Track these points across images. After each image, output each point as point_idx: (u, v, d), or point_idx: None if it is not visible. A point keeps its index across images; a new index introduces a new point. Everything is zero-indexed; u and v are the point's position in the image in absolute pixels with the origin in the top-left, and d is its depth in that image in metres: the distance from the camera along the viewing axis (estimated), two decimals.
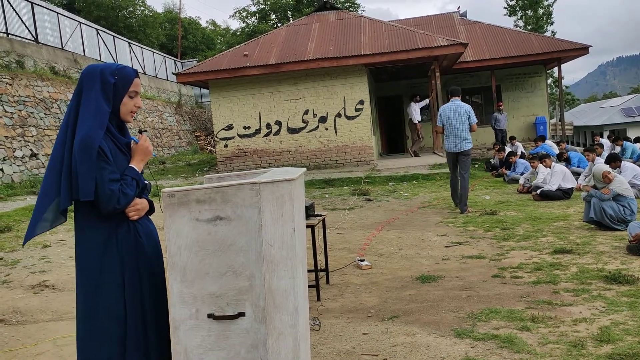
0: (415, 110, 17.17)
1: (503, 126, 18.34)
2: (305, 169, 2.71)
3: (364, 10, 45.08)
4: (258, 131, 16.11)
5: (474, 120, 8.89)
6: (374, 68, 16.96)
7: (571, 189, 9.45)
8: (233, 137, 16.23)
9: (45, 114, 14.97)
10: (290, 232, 2.34)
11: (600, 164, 7.12)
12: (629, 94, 63.69)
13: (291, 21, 40.67)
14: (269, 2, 42.10)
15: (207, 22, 56.93)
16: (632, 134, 23.83)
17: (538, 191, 9.53)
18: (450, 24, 21.33)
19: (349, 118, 15.74)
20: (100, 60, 21.45)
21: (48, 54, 17.76)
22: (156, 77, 27.05)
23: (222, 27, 53.93)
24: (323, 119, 15.84)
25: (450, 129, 8.88)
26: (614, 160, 8.64)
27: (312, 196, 11.62)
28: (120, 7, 37.25)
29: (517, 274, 5.15)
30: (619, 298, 4.28)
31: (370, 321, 4.24)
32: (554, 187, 9.37)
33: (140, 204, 2.52)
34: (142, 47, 26.83)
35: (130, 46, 25.03)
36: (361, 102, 15.68)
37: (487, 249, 6.25)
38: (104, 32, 23.09)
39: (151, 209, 2.63)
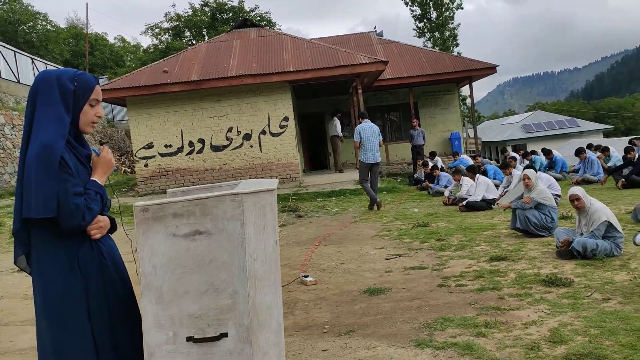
0: (337, 126, 17.43)
1: (418, 142, 18.90)
2: (277, 180, 2.60)
3: (280, 28, 45.38)
4: (180, 149, 15.65)
5: (381, 137, 11.31)
6: (297, 85, 17.04)
7: (494, 200, 9.88)
8: (154, 156, 15.65)
9: None
10: (272, 245, 2.23)
11: (529, 171, 7.49)
12: (526, 111, 68.30)
13: (206, 39, 40.26)
14: (182, 19, 41.37)
15: (115, 38, 54.94)
16: (531, 148, 25.48)
17: (464, 202, 9.88)
18: (368, 42, 21.91)
19: (273, 135, 15.66)
20: (0, 76, 20.08)
21: None
22: None
23: (132, 44, 52.38)
24: (247, 136, 15.66)
25: (369, 145, 10.92)
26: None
27: None
28: (19, 22, 35.21)
29: (460, 282, 5.27)
30: (560, 300, 4.47)
31: (326, 337, 4.15)
32: (478, 198, 9.76)
33: (103, 221, 2.31)
34: (46, 63, 25.42)
35: (33, 62, 23.61)
36: (285, 118, 15.66)
37: (427, 259, 6.36)
38: (4, 46, 21.62)
39: (113, 227, 2.42)
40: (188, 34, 42.89)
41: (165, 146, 15.65)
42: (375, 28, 23.95)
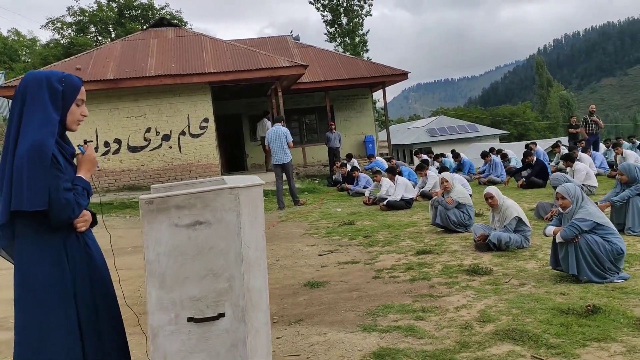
0: (268, 127, 17.58)
1: (334, 144, 19.48)
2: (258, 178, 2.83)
3: (191, 28, 44.64)
4: (95, 150, 15.11)
5: (290, 139, 11.77)
6: (215, 87, 17.02)
7: (412, 199, 10.53)
8: None
9: None
10: (262, 234, 2.47)
11: (446, 174, 8.12)
12: (429, 116, 71.84)
13: (113, 35, 38.78)
14: (87, 14, 39.58)
15: (9, 31, 51.35)
16: (436, 151, 27.00)
17: (384, 202, 10.44)
18: (284, 46, 22.24)
19: (193, 136, 15.57)
20: None
21: None
22: None
23: (28, 38, 49.32)
24: (167, 137, 15.45)
25: (272, 148, 11.76)
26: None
27: None
28: None
29: (393, 274, 5.70)
30: (483, 286, 5.00)
31: (278, 326, 4.39)
32: (398, 198, 10.36)
33: (87, 215, 2.46)
34: None
35: None
36: (206, 120, 15.63)
37: (358, 254, 6.75)
38: None
39: (94, 221, 2.55)
40: (93, 29, 41.10)
41: (79, 146, 15.05)
42: (291, 32, 24.36)
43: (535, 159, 12.27)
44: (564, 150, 14.63)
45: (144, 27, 37.24)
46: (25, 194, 2.21)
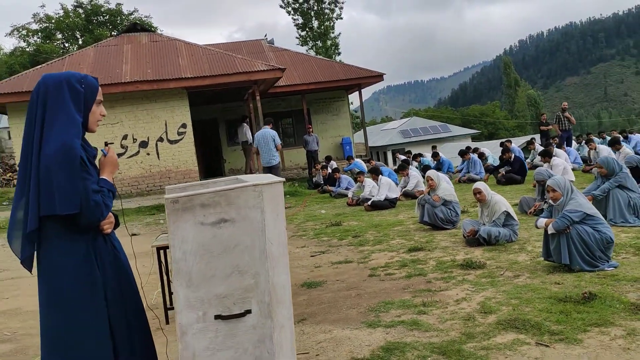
0: (247, 132, 17.53)
1: (312, 147, 19.52)
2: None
3: (162, 32, 44.24)
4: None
5: (278, 142, 11.83)
6: (191, 92, 16.92)
7: (396, 199, 10.63)
8: None
9: None
10: (283, 231, 2.49)
11: (431, 172, 8.23)
12: (401, 118, 72.55)
13: (80, 42, 38.15)
14: (53, 21, 38.88)
15: None
16: (412, 151, 27.35)
17: (369, 202, 10.52)
18: (259, 50, 22.23)
19: (171, 142, 15.44)
20: None
21: None
22: None
23: None
24: (144, 144, 15.29)
25: (261, 150, 11.83)
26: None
27: (146, 222, 11.17)
28: None
29: (388, 271, 5.75)
30: (479, 279, 5.09)
31: None
32: (382, 197, 10.45)
33: (111, 216, 2.45)
34: None
35: None
36: (183, 125, 15.52)
37: (350, 254, 6.80)
38: None
39: (117, 223, 2.54)
40: (60, 36, 40.39)
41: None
42: (265, 36, 24.40)
43: (513, 156, 12.51)
44: (539, 147, 14.95)
45: (113, 33, 36.85)
46: (56, 197, 2.19)
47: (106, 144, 2.56)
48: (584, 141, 14.96)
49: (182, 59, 16.24)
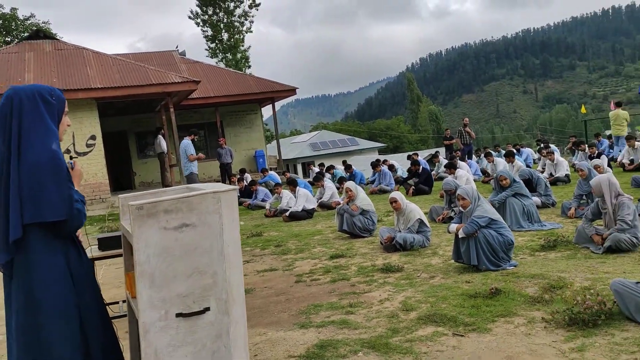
0: (162, 143, 17.21)
1: (226, 160, 19.44)
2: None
3: (62, 37, 42.22)
4: None
5: (190, 152, 12.32)
6: (100, 103, 16.43)
7: (313, 209, 10.99)
8: None
9: None
10: (237, 234, 2.70)
11: (350, 183, 8.66)
12: (310, 131, 73.80)
13: None
14: None
15: None
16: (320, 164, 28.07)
17: (287, 213, 10.79)
18: (171, 61, 21.93)
19: (80, 154, 14.89)
20: None
21: None
22: None
23: None
24: None
25: (180, 161, 12.66)
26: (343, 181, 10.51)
27: None
28: None
29: (313, 277, 6.05)
30: (399, 281, 5.51)
31: None
32: (299, 208, 10.76)
33: None
34: None
35: None
36: (93, 137, 15.04)
37: (274, 263, 7.02)
38: None
39: None
40: None
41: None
42: (177, 47, 24.05)
43: (421, 168, 13.31)
44: (443, 160, 15.97)
45: (7, 39, 34.69)
46: (44, 204, 2.27)
47: (71, 158, 2.69)
48: (482, 154, 16.14)
49: (90, 68, 15.74)
